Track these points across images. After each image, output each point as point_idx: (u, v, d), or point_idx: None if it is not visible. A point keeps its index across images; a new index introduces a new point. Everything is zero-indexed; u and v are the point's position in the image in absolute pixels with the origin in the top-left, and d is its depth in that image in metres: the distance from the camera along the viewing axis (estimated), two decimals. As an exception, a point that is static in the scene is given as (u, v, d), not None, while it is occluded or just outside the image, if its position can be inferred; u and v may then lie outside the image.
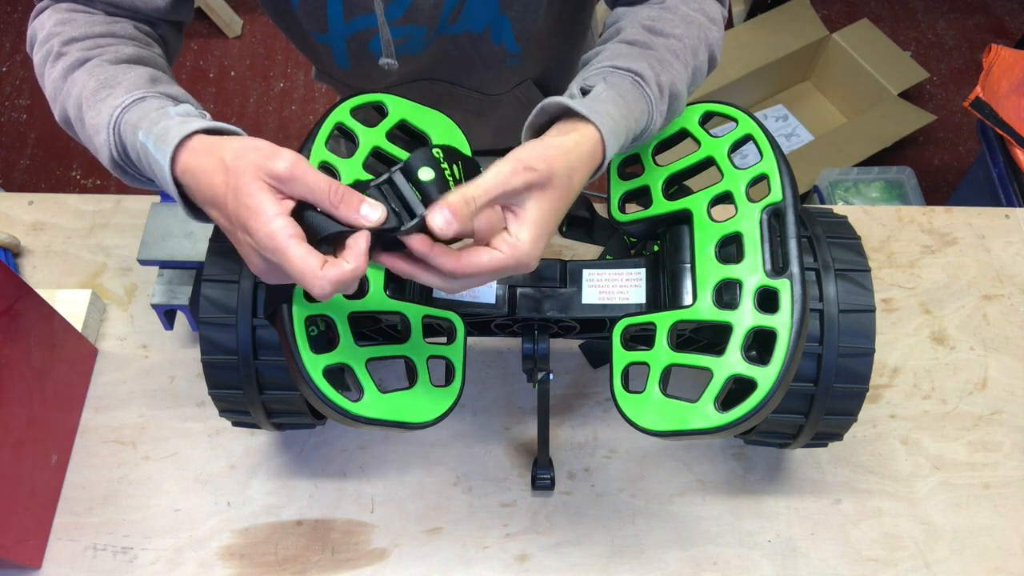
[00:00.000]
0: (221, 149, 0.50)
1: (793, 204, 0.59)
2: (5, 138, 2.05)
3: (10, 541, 0.71)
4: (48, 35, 0.62)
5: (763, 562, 0.76)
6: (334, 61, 0.83)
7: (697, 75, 0.64)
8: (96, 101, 0.57)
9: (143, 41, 0.64)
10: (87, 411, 0.83)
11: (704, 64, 0.65)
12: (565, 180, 0.52)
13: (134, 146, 0.55)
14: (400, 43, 0.77)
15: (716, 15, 0.66)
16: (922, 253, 0.95)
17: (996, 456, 0.82)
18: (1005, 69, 1.48)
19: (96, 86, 0.57)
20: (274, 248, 0.46)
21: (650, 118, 0.59)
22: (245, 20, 2.27)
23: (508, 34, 0.80)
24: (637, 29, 0.62)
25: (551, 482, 0.77)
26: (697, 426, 0.55)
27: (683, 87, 0.62)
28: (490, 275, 0.51)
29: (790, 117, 2.13)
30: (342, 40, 0.78)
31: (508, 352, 0.87)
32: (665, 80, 0.60)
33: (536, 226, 0.51)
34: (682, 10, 0.64)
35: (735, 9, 2.23)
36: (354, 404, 0.55)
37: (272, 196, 0.47)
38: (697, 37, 0.63)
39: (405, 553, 0.76)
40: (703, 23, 0.64)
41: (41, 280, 0.91)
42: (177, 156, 0.52)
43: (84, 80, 0.58)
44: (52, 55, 0.61)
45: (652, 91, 0.58)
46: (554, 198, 0.51)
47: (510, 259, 0.50)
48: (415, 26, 0.76)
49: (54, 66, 0.60)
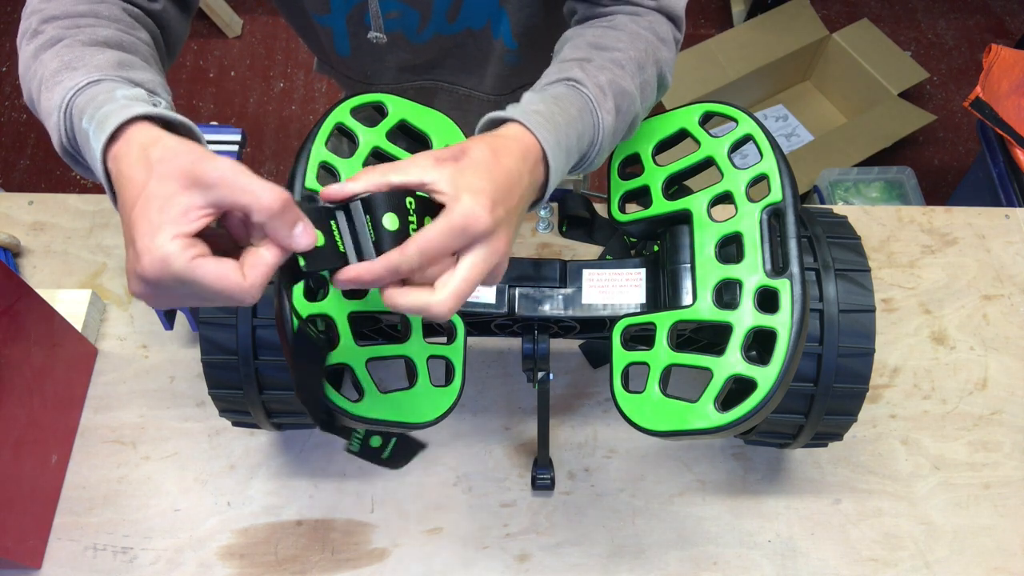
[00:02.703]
0: (156, 144, 0.45)
1: (793, 204, 0.59)
2: (5, 138, 2.05)
3: (10, 541, 0.71)
4: (31, 11, 0.59)
5: (763, 562, 0.76)
6: (335, 47, 0.83)
7: (646, 89, 0.62)
8: (54, 84, 0.53)
9: (127, 24, 0.60)
10: (87, 411, 0.83)
11: (652, 79, 0.63)
12: (486, 152, 0.49)
13: (81, 132, 0.51)
14: (393, 17, 0.77)
15: (667, 36, 0.65)
16: (922, 253, 0.95)
17: (996, 456, 0.82)
18: (1005, 69, 1.48)
19: (58, 67, 0.54)
20: (172, 273, 0.41)
21: (595, 116, 0.58)
22: (245, 20, 2.27)
23: (506, 29, 0.80)
24: (581, 46, 0.62)
25: (551, 482, 0.77)
26: (697, 426, 0.55)
27: (630, 87, 0.60)
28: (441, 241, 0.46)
29: (790, 117, 2.13)
30: (342, 18, 0.78)
31: (508, 352, 0.87)
32: (604, 80, 0.59)
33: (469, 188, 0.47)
34: (630, 27, 0.63)
35: (735, 9, 2.23)
36: (354, 404, 0.55)
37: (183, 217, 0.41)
38: (644, 51, 0.62)
39: (405, 553, 0.76)
40: (651, 40, 0.63)
41: (41, 280, 0.91)
42: (111, 145, 0.47)
43: (49, 60, 0.55)
44: (29, 32, 0.58)
45: (589, 90, 0.58)
46: (477, 162, 0.48)
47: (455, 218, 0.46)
48: (408, 7, 0.76)
49: (29, 44, 0.58)
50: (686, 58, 2.05)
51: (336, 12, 0.77)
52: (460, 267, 0.47)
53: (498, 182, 0.48)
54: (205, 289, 0.41)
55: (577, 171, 0.60)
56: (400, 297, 0.47)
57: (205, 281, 0.41)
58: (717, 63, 2.04)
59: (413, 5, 0.76)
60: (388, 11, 0.76)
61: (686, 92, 2.00)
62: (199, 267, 0.41)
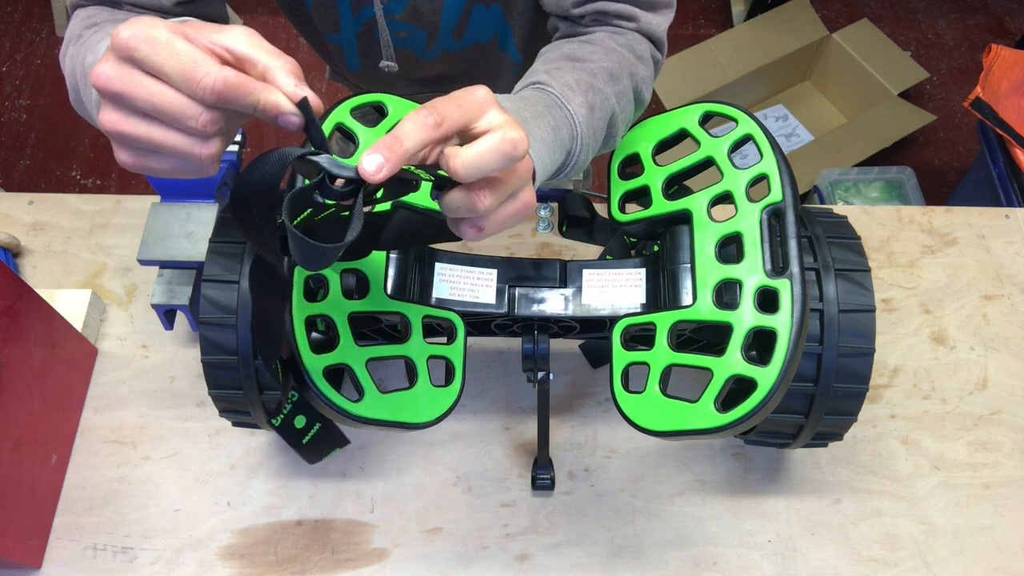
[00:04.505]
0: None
1: (793, 204, 0.59)
2: (5, 138, 2.05)
3: (10, 541, 0.71)
4: (72, 29, 0.62)
5: (763, 562, 0.76)
6: (346, 63, 0.84)
7: (621, 98, 0.62)
8: (97, 47, 0.54)
9: None
10: (87, 411, 0.83)
11: (628, 91, 0.63)
12: None
13: None
14: (402, 37, 0.78)
15: (644, 54, 0.65)
16: (922, 253, 0.95)
17: (996, 456, 0.82)
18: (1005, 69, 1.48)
19: (101, 37, 0.55)
20: (149, 37, 0.39)
21: (565, 110, 0.58)
22: (245, 20, 2.27)
23: (511, 43, 0.80)
24: (553, 58, 0.63)
25: (551, 482, 0.77)
26: (697, 426, 0.55)
27: (602, 87, 0.60)
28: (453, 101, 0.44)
29: (790, 117, 2.13)
30: (352, 36, 0.79)
31: (508, 352, 0.87)
32: (571, 79, 0.59)
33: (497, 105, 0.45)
34: (606, 43, 0.63)
35: (735, 9, 2.23)
36: (354, 404, 0.55)
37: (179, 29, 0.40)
38: (618, 63, 0.62)
39: (405, 553, 0.76)
40: (626, 56, 0.63)
41: (41, 280, 0.91)
42: None
43: (94, 39, 0.57)
44: (73, 38, 0.60)
45: (555, 88, 0.58)
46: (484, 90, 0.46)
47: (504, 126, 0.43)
48: (415, 27, 0.77)
49: (72, 46, 0.60)
50: (686, 58, 2.05)
51: (346, 31, 0.78)
52: (489, 118, 0.44)
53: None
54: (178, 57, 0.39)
55: (567, 169, 0.60)
56: (471, 150, 0.42)
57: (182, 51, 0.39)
58: (717, 63, 2.04)
59: (420, 26, 0.76)
60: (396, 31, 0.77)
61: (686, 92, 2.00)
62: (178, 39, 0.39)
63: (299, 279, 0.57)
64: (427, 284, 0.64)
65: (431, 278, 0.65)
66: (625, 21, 0.65)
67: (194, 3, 0.66)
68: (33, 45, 2.22)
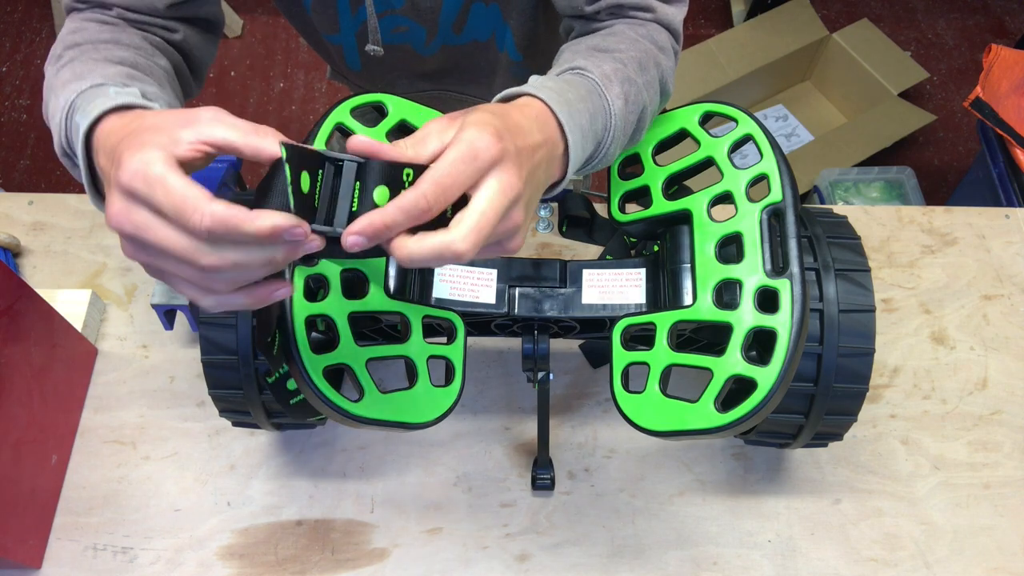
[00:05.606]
0: (141, 116, 0.45)
1: (793, 204, 0.59)
2: (5, 138, 2.05)
3: (10, 541, 0.71)
4: (58, 41, 0.62)
5: (763, 562, 0.76)
6: (346, 63, 0.85)
7: (650, 88, 0.62)
8: (62, 90, 0.55)
9: (146, 51, 0.63)
10: (87, 411, 0.83)
11: (655, 81, 0.63)
12: (488, 110, 0.48)
13: (73, 127, 0.52)
14: (401, 31, 0.78)
15: (666, 44, 0.65)
16: (922, 253, 0.95)
17: (996, 456, 0.82)
18: (1005, 69, 1.48)
19: (69, 78, 0.56)
20: (146, 175, 0.39)
21: (604, 99, 0.57)
22: (245, 20, 2.27)
23: (510, 42, 0.80)
24: (580, 50, 0.62)
25: (551, 482, 0.77)
26: (697, 426, 0.55)
27: (635, 77, 0.60)
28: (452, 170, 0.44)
29: (790, 117, 2.13)
30: (352, 36, 0.80)
31: (508, 352, 0.87)
32: (608, 68, 0.58)
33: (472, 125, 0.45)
34: (628, 34, 0.63)
35: (735, 9, 2.23)
36: (354, 404, 0.55)
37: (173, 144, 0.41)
38: (644, 53, 0.62)
39: (405, 553, 0.76)
40: (650, 48, 0.63)
41: (41, 280, 0.91)
42: (95, 129, 0.48)
43: (64, 74, 0.57)
44: (54, 58, 0.61)
45: (595, 75, 0.57)
46: (479, 115, 0.46)
47: (462, 146, 0.44)
48: (415, 22, 0.77)
49: (51, 68, 0.60)
50: (686, 58, 2.05)
51: (345, 31, 0.78)
52: (475, 200, 0.44)
53: (505, 122, 0.47)
54: (166, 197, 0.39)
55: (594, 162, 0.59)
56: (415, 244, 0.43)
57: (167, 183, 0.39)
58: (717, 63, 2.04)
59: (420, 21, 0.77)
60: (396, 26, 0.77)
61: (686, 92, 2.00)
62: (172, 174, 0.40)
63: (299, 279, 0.57)
64: (427, 284, 0.64)
65: (431, 278, 0.65)
66: (642, 12, 0.65)
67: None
68: (33, 45, 2.23)
